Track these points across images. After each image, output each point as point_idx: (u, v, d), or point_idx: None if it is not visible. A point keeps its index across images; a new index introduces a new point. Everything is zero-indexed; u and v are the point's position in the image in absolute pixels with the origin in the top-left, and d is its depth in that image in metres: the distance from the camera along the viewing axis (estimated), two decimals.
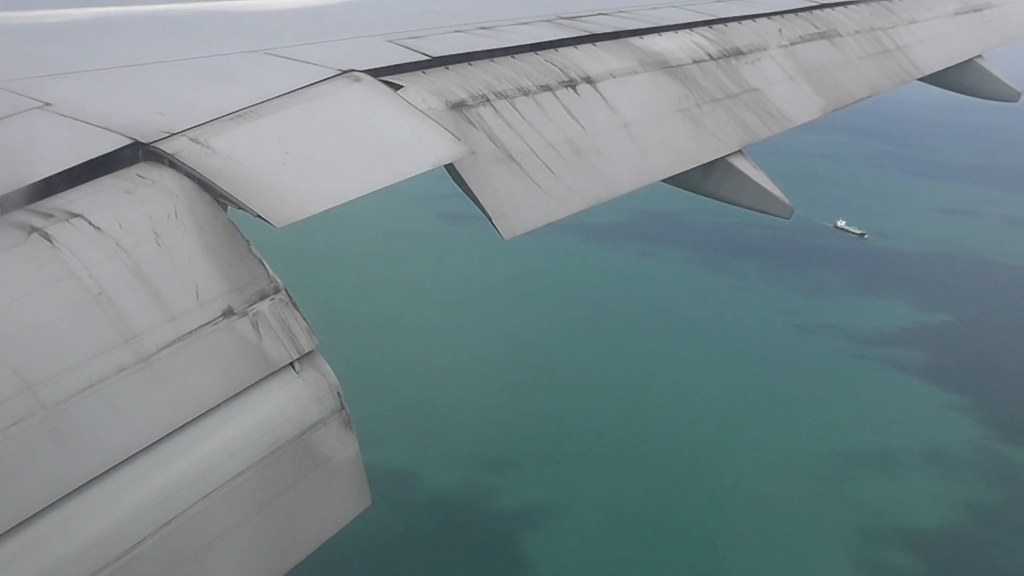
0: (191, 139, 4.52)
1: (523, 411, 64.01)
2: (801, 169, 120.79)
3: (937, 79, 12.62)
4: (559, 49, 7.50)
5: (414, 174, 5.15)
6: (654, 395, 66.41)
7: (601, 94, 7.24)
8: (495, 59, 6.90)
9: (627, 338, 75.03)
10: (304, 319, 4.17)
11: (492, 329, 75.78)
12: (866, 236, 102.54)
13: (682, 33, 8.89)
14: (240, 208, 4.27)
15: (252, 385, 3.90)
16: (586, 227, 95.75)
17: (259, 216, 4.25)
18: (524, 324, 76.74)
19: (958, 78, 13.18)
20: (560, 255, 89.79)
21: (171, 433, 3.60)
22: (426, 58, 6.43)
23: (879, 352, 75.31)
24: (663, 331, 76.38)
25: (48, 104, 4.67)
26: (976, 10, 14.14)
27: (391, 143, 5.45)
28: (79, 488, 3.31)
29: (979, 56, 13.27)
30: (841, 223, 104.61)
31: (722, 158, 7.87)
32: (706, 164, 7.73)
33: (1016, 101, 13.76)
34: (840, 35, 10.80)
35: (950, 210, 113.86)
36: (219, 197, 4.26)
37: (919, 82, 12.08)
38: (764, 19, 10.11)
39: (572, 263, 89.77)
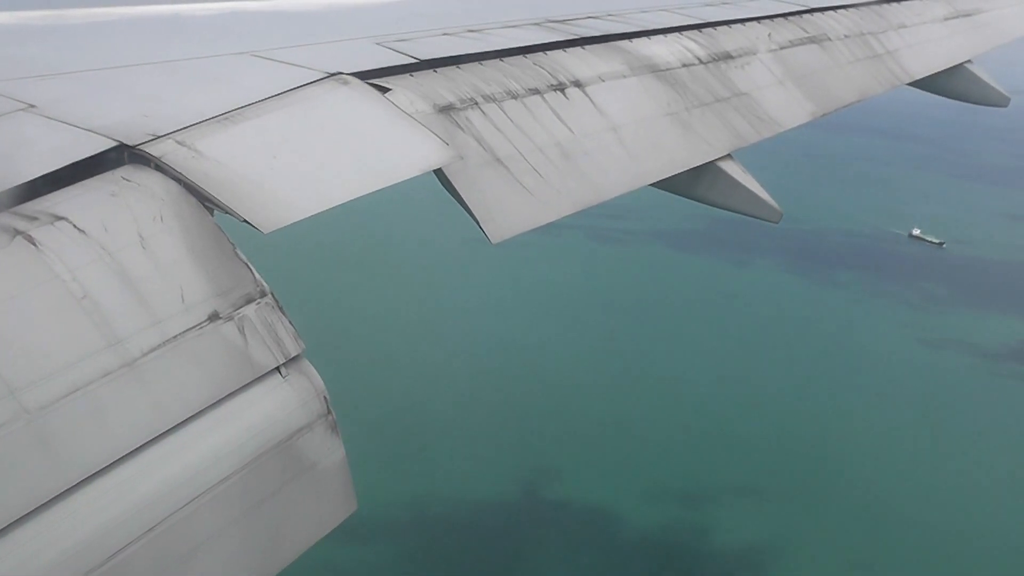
0: (178, 142, 4.49)
1: (686, 434, 61.33)
2: (847, 172, 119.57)
3: (927, 84, 12.64)
4: (548, 52, 7.49)
5: (402, 179, 5.15)
6: (819, 419, 63.74)
7: (590, 98, 7.23)
8: (483, 62, 6.89)
9: (762, 356, 72.67)
10: (291, 323, 4.15)
11: (613, 344, 73.14)
12: (944, 245, 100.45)
13: (671, 37, 8.89)
14: (227, 213, 4.25)
15: (238, 390, 3.88)
16: (665, 234, 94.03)
17: (246, 221, 4.23)
18: (644, 338, 74.28)
19: (948, 83, 13.21)
20: (652, 264, 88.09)
21: (156, 438, 3.58)
22: (414, 61, 6.42)
23: (1015, 369, 73.47)
24: (795, 347, 74.09)
25: (33, 106, 4.64)
26: (965, 15, 14.18)
27: (379, 148, 5.43)
28: (63, 493, 3.29)
29: (968, 61, 13.30)
30: (916, 231, 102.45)
31: (711, 162, 7.86)
32: (695, 168, 7.72)
33: (1006, 106, 13.79)
34: (830, 39, 10.82)
35: (1013, 215, 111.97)
36: (206, 201, 4.24)
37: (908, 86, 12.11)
38: (754, 23, 10.12)
39: (667, 273, 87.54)
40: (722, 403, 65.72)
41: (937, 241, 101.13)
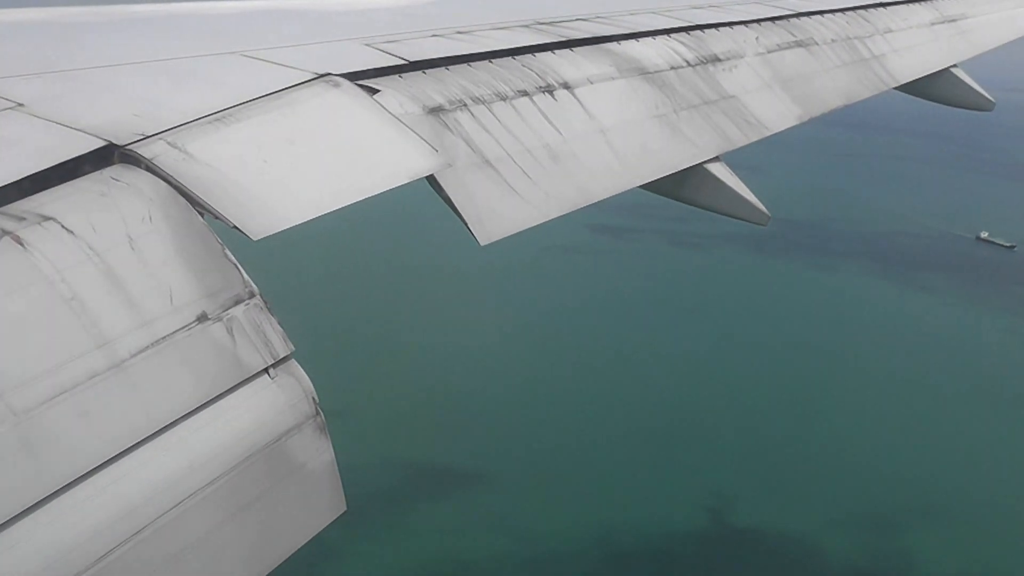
0: (168, 143, 4.48)
1: (844, 448, 59.75)
2: (885, 171, 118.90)
3: (913, 88, 12.71)
4: (537, 54, 7.50)
5: (392, 187, 5.15)
6: (985, 435, 62.52)
7: (578, 100, 7.24)
8: (473, 64, 6.89)
9: (892, 368, 71.12)
10: (279, 325, 4.14)
11: (723, 357, 71.43)
12: (1015, 248, 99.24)
13: (659, 39, 8.91)
14: (217, 218, 4.25)
15: (227, 391, 3.87)
16: (741, 238, 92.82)
17: (236, 227, 4.23)
18: (751, 347, 72.83)
19: (933, 87, 13.29)
20: (737, 269, 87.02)
21: (144, 439, 3.56)
22: (403, 62, 6.41)
23: None
24: (920, 358, 72.44)
25: (21, 104, 4.62)
26: (951, 20, 14.26)
27: (369, 154, 5.42)
28: (49, 496, 3.27)
29: (954, 65, 13.37)
30: (984, 234, 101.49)
31: (699, 164, 7.88)
32: (683, 170, 7.74)
33: (991, 110, 13.87)
34: (817, 43, 10.86)
35: None
36: (195, 204, 4.23)
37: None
38: (741, 27, 10.15)
39: (753, 280, 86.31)
40: (870, 419, 64.42)
41: (1008, 244, 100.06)
